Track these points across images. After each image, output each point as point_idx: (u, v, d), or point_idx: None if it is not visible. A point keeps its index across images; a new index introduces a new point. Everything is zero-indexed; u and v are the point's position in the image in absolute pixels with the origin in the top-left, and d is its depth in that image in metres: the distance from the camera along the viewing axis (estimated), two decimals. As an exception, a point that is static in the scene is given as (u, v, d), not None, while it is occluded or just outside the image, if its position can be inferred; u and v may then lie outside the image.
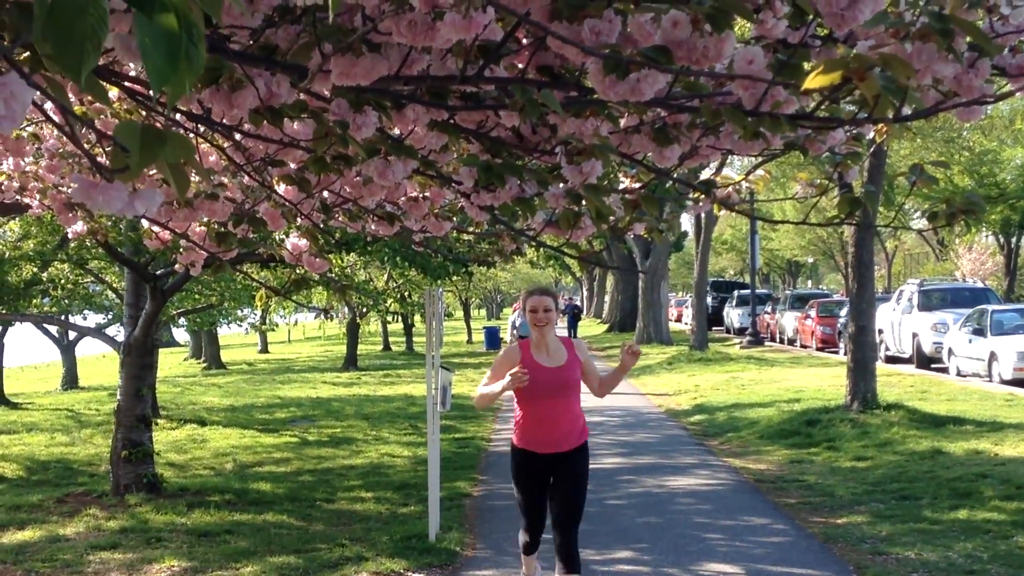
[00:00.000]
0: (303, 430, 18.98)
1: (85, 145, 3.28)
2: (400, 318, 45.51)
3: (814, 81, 2.55)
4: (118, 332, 19.46)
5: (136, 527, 10.76)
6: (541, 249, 15.32)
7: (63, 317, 19.19)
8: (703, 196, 4.85)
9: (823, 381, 22.79)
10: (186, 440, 17.66)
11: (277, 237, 6.51)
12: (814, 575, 8.45)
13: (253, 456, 15.85)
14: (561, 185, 3.98)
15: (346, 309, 34.65)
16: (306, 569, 9.02)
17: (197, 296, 19.67)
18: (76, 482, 13.85)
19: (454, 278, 15.37)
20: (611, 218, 4.46)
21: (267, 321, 39.43)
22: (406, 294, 30.32)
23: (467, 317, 59.12)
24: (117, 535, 10.48)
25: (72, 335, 32.17)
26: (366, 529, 10.52)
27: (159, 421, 18.63)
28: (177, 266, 5.56)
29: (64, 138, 4.42)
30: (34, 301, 17.16)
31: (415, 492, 12.13)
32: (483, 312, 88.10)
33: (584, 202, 4.04)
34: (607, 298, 68.91)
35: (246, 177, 4.75)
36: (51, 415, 23.13)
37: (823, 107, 3.26)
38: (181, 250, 5.41)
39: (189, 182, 2.42)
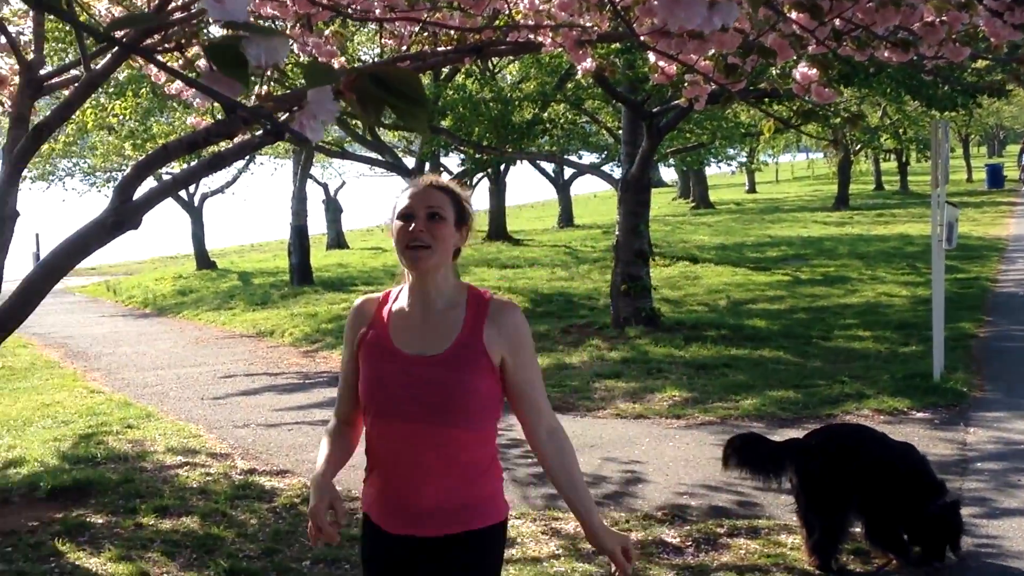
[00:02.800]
0: (795, 269, 18.87)
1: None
2: (894, 156, 43.80)
3: None
4: (612, 170, 20.05)
5: (636, 358, 11.18)
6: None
7: (561, 156, 20.02)
8: None
9: None
10: (679, 277, 18.07)
11: (774, 72, 6.38)
12: None
13: (746, 293, 15.97)
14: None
15: (835, 147, 33.79)
16: (805, 403, 9.03)
17: (688, 135, 19.80)
18: (577, 314, 14.56)
19: (960, 111, 14.51)
20: None
21: (755, 160, 39.24)
22: (900, 131, 28.96)
23: (967, 154, 56.06)
24: (619, 365, 10.94)
25: (568, 174, 33.50)
26: (865, 367, 10.37)
27: (653, 258, 19.15)
28: (681, 100, 5.59)
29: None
30: (536, 141, 17.96)
31: (915, 332, 11.80)
32: (983, 149, 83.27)
33: None
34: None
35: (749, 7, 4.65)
36: (550, 251, 24.36)
37: None
38: (685, 84, 5.42)
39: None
